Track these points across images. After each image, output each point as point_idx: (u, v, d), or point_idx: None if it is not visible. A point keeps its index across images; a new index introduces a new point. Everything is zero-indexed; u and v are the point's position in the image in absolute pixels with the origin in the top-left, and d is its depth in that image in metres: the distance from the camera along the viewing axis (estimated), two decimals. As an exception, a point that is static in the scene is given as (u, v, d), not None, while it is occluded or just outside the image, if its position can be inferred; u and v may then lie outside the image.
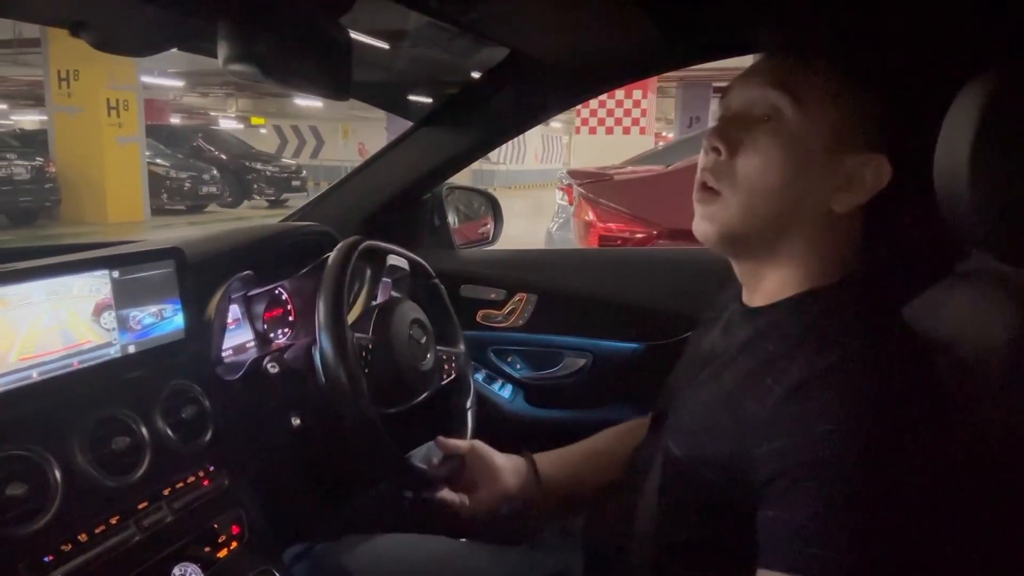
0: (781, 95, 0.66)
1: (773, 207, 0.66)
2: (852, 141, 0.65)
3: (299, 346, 1.12)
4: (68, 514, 0.78)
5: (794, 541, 0.55)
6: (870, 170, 0.65)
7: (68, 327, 0.85)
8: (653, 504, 0.74)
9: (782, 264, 0.70)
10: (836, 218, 0.67)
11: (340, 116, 21.26)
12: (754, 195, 0.66)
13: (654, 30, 1.07)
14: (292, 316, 1.26)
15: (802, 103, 0.65)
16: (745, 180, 0.67)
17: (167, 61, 13.21)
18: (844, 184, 0.66)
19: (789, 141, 0.65)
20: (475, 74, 1.41)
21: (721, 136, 0.68)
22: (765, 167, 0.66)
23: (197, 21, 0.86)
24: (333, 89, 0.91)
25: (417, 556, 1.02)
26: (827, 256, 0.69)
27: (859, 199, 0.66)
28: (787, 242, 0.69)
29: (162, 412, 0.93)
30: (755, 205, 0.66)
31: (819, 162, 0.65)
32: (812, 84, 0.66)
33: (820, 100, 0.65)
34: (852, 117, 0.66)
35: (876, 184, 0.65)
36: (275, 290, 1.20)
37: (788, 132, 0.65)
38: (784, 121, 0.65)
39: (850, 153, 0.65)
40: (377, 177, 1.54)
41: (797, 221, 0.67)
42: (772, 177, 0.65)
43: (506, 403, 1.61)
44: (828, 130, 0.65)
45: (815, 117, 0.65)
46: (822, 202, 0.66)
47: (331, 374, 0.92)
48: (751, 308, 0.74)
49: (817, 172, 0.65)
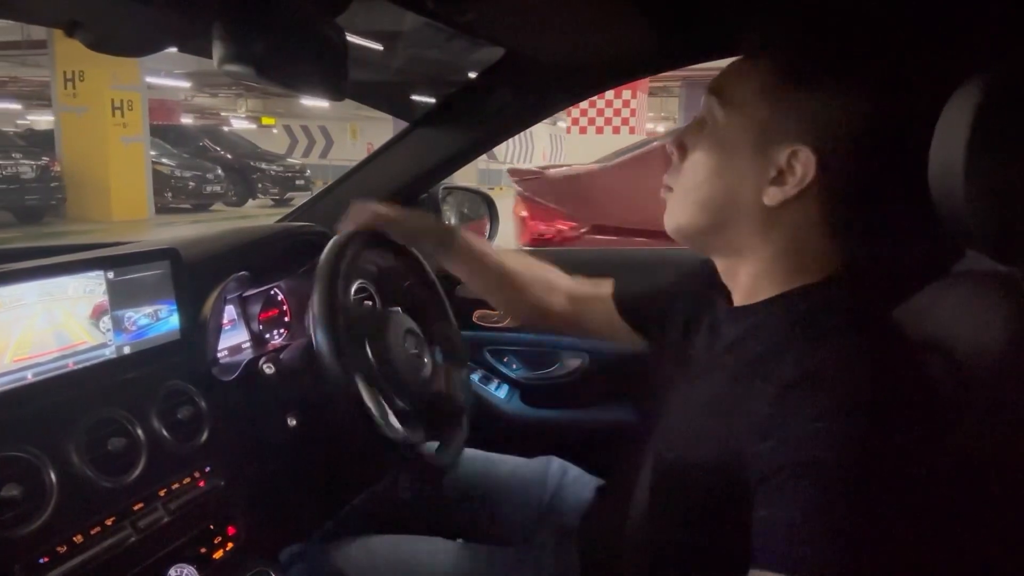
0: (713, 100, 0.71)
1: (705, 200, 0.71)
2: (779, 135, 0.67)
3: (295, 346, 1.12)
4: (64, 515, 0.78)
5: (786, 540, 0.55)
6: (799, 163, 0.66)
7: (63, 328, 0.85)
8: (646, 505, 0.74)
9: (748, 261, 0.72)
10: (780, 212, 0.68)
11: (349, 116, 21.25)
12: (688, 191, 0.73)
13: (652, 30, 1.07)
14: (288, 317, 1.26)
15: (730, 104, 0.70)
16: (683, 178, 0.73)
17: (173, 61, 13.28)
18: (775, 177, 0.67)
19: (716, 140, 0.71)
20: (471, 74, 1.41)
21: (675, 142, 0.75)
22: (696, 164, 0.72)
23: (192, 21, 0.86)
24: (329, 89, 0.91)
25: (414, 556, 1.02)
26: (794, 254, 0.70)
27: (787, 192, 0.67)
28: (738, 238, 0.71)
29: (158, 413, 0.93)
30: (690, 199, 0.73)
31: (746, 156, 0.69)
32: (742, 83, 0.70)
33: (749, 100, 0.69)
34: (781, 113, 0.67)
35: (804, 176, 0.66)
36: (271, 291, 1.20)
37: (716, 132, 0.71)
38: (717, 123, 0.71)
39: (778, 146, 0.67)
40: (373, 177, 1.54)
41: (735, 214, 0.70)
42: (700, 173, 0.71)
43: (502, 403, 1.61)
44: (755, 126, 0.68)
45: (743, 115, 0.69)
46: (755, 195, 0.69)
47: (323, 361, 0.91)
48: (736, 308, 0.75)
49: (745, 166, 0.69)
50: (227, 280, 1.06)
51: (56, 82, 10.88)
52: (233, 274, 1.08)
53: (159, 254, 0.97)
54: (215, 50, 0.78)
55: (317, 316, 0.93)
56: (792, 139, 0.66)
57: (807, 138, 0.66)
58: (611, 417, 1.58)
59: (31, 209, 10.45)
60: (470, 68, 1.39)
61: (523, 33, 1.18)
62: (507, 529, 1.15)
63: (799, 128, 0.66)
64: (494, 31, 1.18)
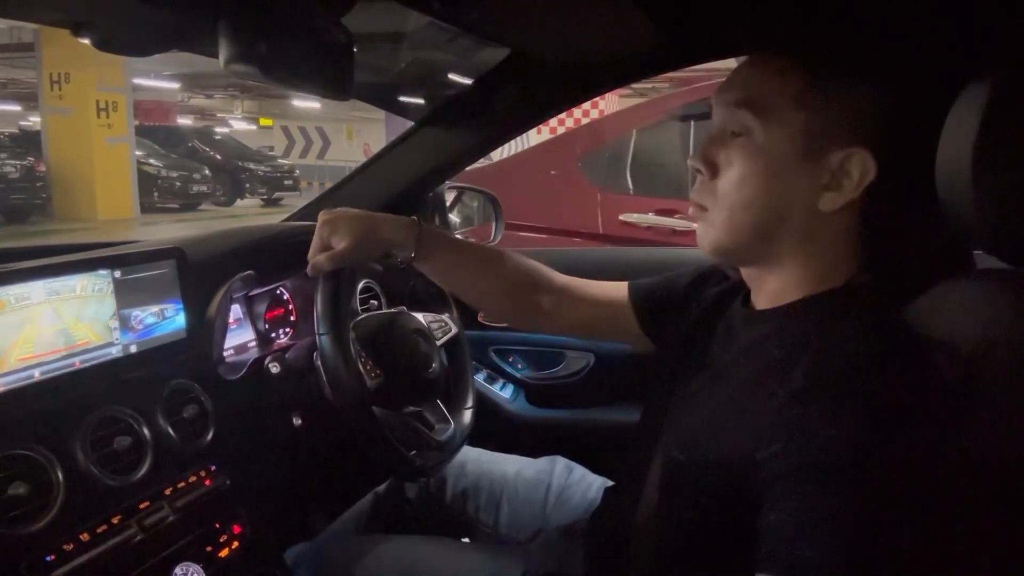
0: (746, 112, 0.67)
1: (755, 218, 0.68)
2: (829, 139, 0.65)
3: (300, 346, 1.12)
4: (70, 514, 0.78)
5: (792, 544, 0.55)
6: (854, 165, 0.65)
7: (69, 327, 0.85)
8: (654, 506, 0.74)
9: (783, 268, 0.71)
10: (827, 218, 0.67)
11: (345, 117, 21.31)
12: (734, 210, 0.69)
13: (654, 30, 1.07)
14: (293, 316, 1.26)
15: (766, 115, 0.66)
16: (724, 197, 0.69)
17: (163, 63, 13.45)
18: (829, 182, 0.66)
19: (760, 154, 0.67)
20: (475, 74, 1.41)
21: (702, 158, 0.71)
22: (741, 182, 0.68)
23: (198, 21, 0.86)
24: (334, 89, 0.91)
25: (419, 556, 1.02)
26: (827, 260, 0.69)
27: (847, 195, 0.66)
28: (781, 247, 0.69)
29: (163, 412, 0.93)
30: (736, 219, 0.69)
31: (795, 167, 0.66)
32: (776, 93, 0.66)
33: (785, 107, 0.66)
34: (824, 116, 0.65)
35: (863, 178, 0.65)
36: (276, 290, 1.20)
37: (758, 145, 0.67)
38: (753, 135, 0.67)
39: (830, 151, 0.65)
40: (378, 177, 1.54)
41: (786, 226, 0.68)
42: (748, 191, 0.68)
43: (507, 403, 1.61)
44: (799, 134, 0.65)
45: (782, 125, 0.66)
46: (809, 204, 0.67)
47: (330, 368, 0.92)
48: (755, 312, 0.74)
49: (796, 177, 0.66)
50: (233, 279, 1.07)
51: (43, 84, 11.13)
52: (239, 273, 1.08)
53: (165, 253, 0.97)
54: (221, 50, 0.78)
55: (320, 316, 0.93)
56: (843, 141, 0.64)
57: (858, 138, 0.64)
58: (617, 417, 1.58)
59: (17, 208, 10.67)
60: (474, 68, 1.39)
61: (527, 33, 1.18)
62: (513, 529, 1.15)
63: (848, 129, 0.64)
64: (498, 31, 1.18)
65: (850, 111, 0.65)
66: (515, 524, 1.15)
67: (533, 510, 1.16)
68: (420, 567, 1.01)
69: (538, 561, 1.01)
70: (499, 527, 1.16)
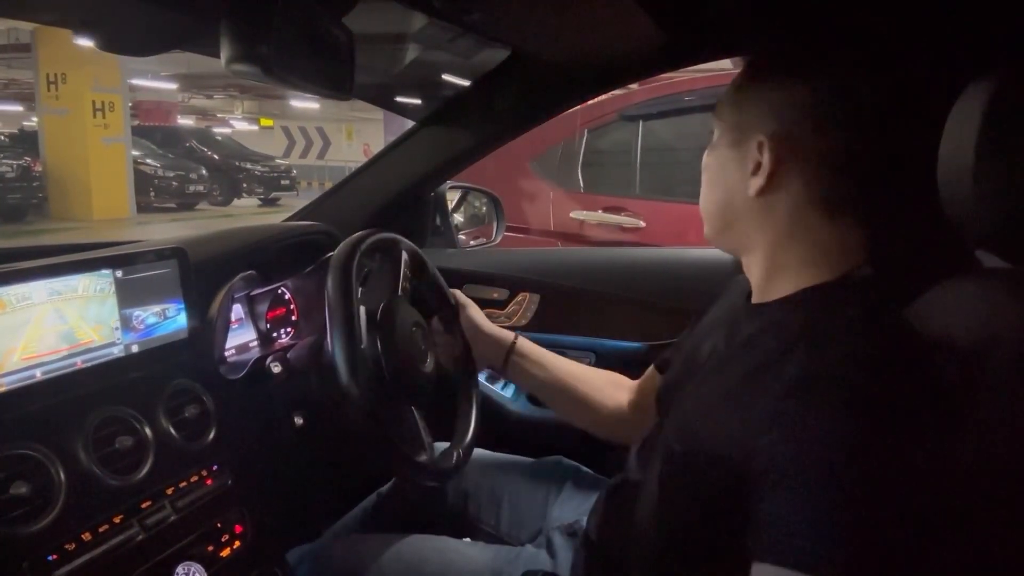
0: (713, 118, 0.78)
1: (712, 207, 0.79)
2: (749, 131, 0.72)
3: (302, 345, 1.12)
4: (72, 513, 0.78)
5: (787, 535, 0.55)
6: (766, 151, 0.70)
7: (71, 327, 0.85)
8: (654, 501, 0.74)
9: (754, 253, 0.76)
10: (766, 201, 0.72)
11: (345, 117, 21.34)
12: (703, 203, 0.80)
13: (655, 30, 1.07)
14: (295, 315, 1.26)
15: (720, 117, 0.77)
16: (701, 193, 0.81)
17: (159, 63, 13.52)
18: (754, 169, 0.72)
19: (712, 152, 0.79)
20: (476, 74, 1.41)
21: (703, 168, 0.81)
22: (704, 178, 0.80)
23: (199, 21, 0.87)
24: (335, 89, 0.91)
25: (421, 556, 1.02)
26: (795, 239, 0.71)
27: (760, 181, 0.71)
28: (742, 233, 0.76)
29: (165, 411, 0.93)
30: (706, 209, 0.80)
31: (730, 159, 0.75)
32: (727, 96, 0.76)
33: (728, 106, 0.76)
34: (746, 110, 0.73)
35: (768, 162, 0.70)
36: (278, 289, 1.20)
37: (713, 145, 0.79)
38: (714, 135, 0.79)
39: (748, 141, 0.72)
40: (379, 176, 1.54)
41: (736, 212, 0.75)
42: (706, 185, 0.80)
43: (509, 402, 1.61)
44: (731, 129, 0.75)
45: (723, 122, 0.77)
46: (742, 191, 0.74)
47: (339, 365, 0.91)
48: (755, 305, 0.76)
49: (730, 167, 0.75)
50: (234, 279, 1.07)
51: (39, 84, 11.21)
52: (240, 273, 1.08)
53: (167, 253, 0.97)
54: (222, 50, 0.78)
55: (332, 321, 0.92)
56: (757, 131, 0.71)
57: (768, 127, 0.70)
58: None
59: (13, 208, 10.77)
60: (476, 68, 1.39)
61: (529, 33, 1.18)
62: (514, 529, 1.15)
63: (760, 120, 0.71)
64: (500, 31, 1.18)
65: (764, 103, 0.72)
66: (516, 524, 1.15)
67: (534, 510, 1.16)
68: (421, 567, 1.01)
69: (539, 561, 1.01)
70: (500, 527, 1.16)
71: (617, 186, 3.17)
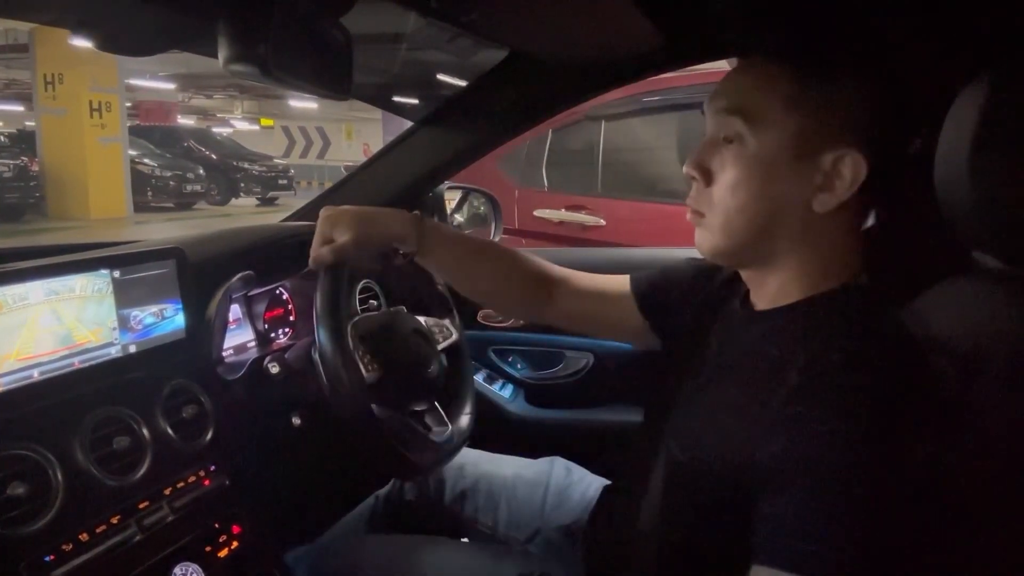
0: (737, 120, 0.68)
1: (751, 222, 0.69)
2: (820, 142, 0.65)
3: (300, 346, 1.12)
4: (69, 514, 0.78)
5: (788, 538, 0.55)
6: (846, 166, 0.65)
7: (69, 327, 0.85)
8: (656, 506, 0.74)
9: (781, 269, 0.71)
10: (822, 219, 0.67)
11: (345, 117, 21.35)
12: (730, 215, 0.70)
13: (654, 30, 1.07)
14: (293, 316, 1.26)
15: (757, 121, 0.67)
16: (720, 203, 0.70)
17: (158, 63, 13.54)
18: (822, 184, 0.66)
19: (752, 160, 0.68)
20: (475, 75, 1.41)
21: (695, 166, 0.72)
22: (735, 187, 0.69)
23: (198, 21, 0.86)
24: (334, 89, 0.91)
25: (419, 557, 1.02)
26: (826, 261, 0.69)
27: (840, 196, 0.66)
28: (778, 249, 0.70)
29: (163, 412, 0.93)
30: (733, 223, 0.70)
31: (787, 170, 0.67)
32: (765, 98, 0.67)
33: (775, 111, 0.66)
34: (814, 118, 0.65)
35: (855, 179, 0.65)
36: (276, 290, 1.20)
37: (750, 151, 0.68)
38: (745, 141, 0.68)
39: (821, 153, 0.65)
40: (378, 177, 1.54)
41: (781, 228, 0.69)
42: (743, 195, 0.68)
43: (507, 403, 1.61)
44: (790, 139, 0.66)
45: (774, 130, 0.67)
46: (803, 206, 0.67)
47: (328, 365, 0.91)
48: (755, 312, 0.75)
49: (788, 179, 0.67)
50: (232, 279, 1.06)
51: (37, 85, 11.26)
52: (238, 273, 1.08)
53: (165, 253, 0.97)
54: (220, 50, 0.78)
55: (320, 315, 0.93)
56: (834, 143, 0.65)
57: (850, 139, 0.65)
58: (616, 417, 1.58)
59: (11, 207, 10.80)
60: (474, 68, 1.39)
61: (527, 33, 1.18)
62: (512, 529, 1.15)
63: (839, 131, 0.65)
64: (498, 31, 1.18)
65: (839, 112, 0.65)
66: (514, 524, 1.15)
67: (532, 510, 1.16)
68: (419, 568, 1.01)
69: (537, 561, 1.01)
70: (498, 527, 1.16)
71: (580, 185, 3.23)
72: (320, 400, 1.01)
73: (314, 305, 0.94)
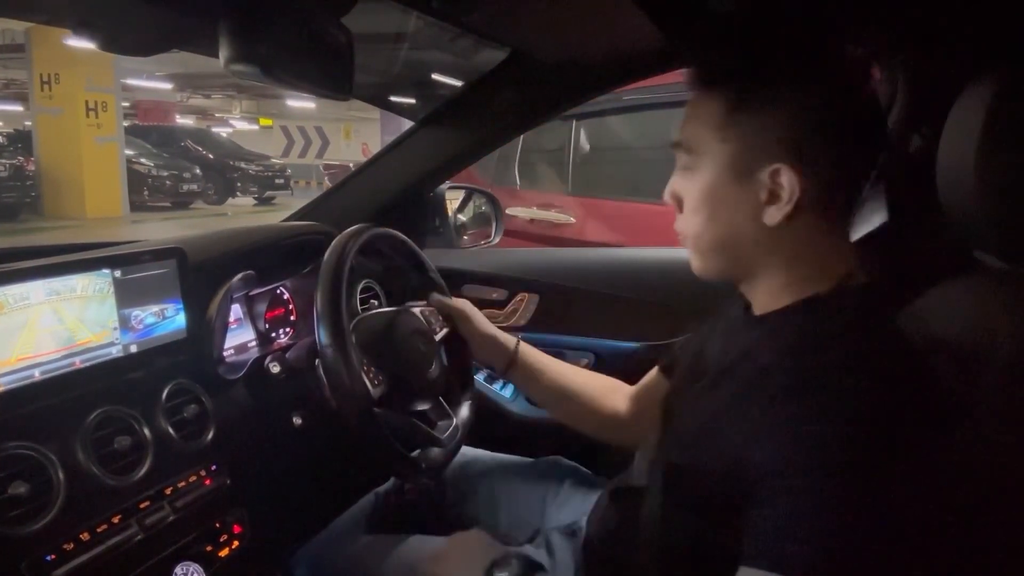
0: (684, 154, 0.74)
1: (714, 242, 0.73)
2: (754, 161, 0.68)
3: (301, 345, 1.12)
4: (70, 513, 0.78)
5: (776, 538, 0.56)
6: (783, 179, 0.67)
7: (70, 326, 0.85)
8: (655, 509, 0.74)
9: (763, 279, 0.73)
10: (780, 230, 0.69)
11: (343, 116, 21.36)
12: (697, 237, 0.75)
13: (655, 30, 1.07)
14: (294, 316, 1.26)
15: (697, 154, 0.72)
16: (689, 227, 0.75)
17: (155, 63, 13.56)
18: (768, 198, 0.68)
19: (701, 188, 0.72)
20: (475, 75, 1.41)
21: (671, 194, 0.77)
22: (694, 212, 0.74)
23: (199, 21, 0.86)
24: (335, 89, 0.91)
25: (418, 556, 1.02)
26: (806, 265, 0.70)
27: (786, 208, 0.67)
28: (751, 262, 0.73)
29: (164, 411, 0.93)
30: (701, 244, 0.75)
31: (732, 192, 0.70)
32: (700, 130, 0.71)
33: (710, 141, 0.71)
34: (743, 143, 0.68)
35: (793, 190, 0.67)
36: (277, 290, 1.20)
37: (698, 180, 0.73)
38: (694, 172, 0.73)
39: (757, 171, 0.68)
40: (378, 177, 1.54)
41: (745, 243, 0.72)
42: (700, 219, 0.73)
43: (507, 403, 1.61)
44: (726, 164, 0.70)
45: (710, 158, 0.71)
46: (756, 221, 0.69)
47: (330, 367, 0.91)
48: (752, 316, 0.76)
49: (735, 200, 0.70)
50: (233, 279, 1.06)
51: (33, 84, 11.30)
52: (239, 273, 1.08)
53: (166, 253, 0.97)
54: (221, 50, 0.78)
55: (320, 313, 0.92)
56: (767, 159, 0.67)
57: (780, 154, 0.67)
58: None
59: (7, 206, 10.86)
60: (475, 68, 1.39)
61: (528, 33, 1.18)
62: (512, 529, 1.15)
63: (769, 147, 0.67)
64: (499, 31, 1.18)
65: (766, 133, 0.67)
66: (514, 524, 1.15)
67: (532, 510, 1.16)
68: (419, 567, 1.01)
69: (537, 562, 1.01)
70: (499, 527, 1.16)
71: (550, 184, 3.26)
72: (321, 400, 1.01)
73: (315, 305, 0.94)
